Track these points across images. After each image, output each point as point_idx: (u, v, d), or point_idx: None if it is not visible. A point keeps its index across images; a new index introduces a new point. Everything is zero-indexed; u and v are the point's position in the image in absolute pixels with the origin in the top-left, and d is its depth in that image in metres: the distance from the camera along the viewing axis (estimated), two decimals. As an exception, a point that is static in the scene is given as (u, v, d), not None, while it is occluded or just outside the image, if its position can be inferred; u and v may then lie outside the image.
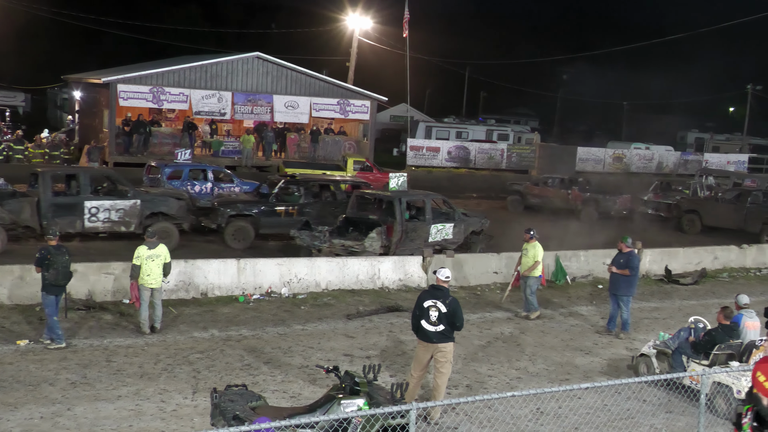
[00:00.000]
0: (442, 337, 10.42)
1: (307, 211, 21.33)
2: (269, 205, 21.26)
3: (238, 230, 20.63)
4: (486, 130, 53.64)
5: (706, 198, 29.51)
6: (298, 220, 20.85)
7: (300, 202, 21.56)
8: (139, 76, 36.51)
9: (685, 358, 12.07)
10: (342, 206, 21.22)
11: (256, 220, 20.92)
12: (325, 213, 21.43)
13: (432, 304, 10.39)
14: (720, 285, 20.49)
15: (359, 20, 46.07)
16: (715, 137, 66.06)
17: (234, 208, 20.90)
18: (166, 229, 19.33)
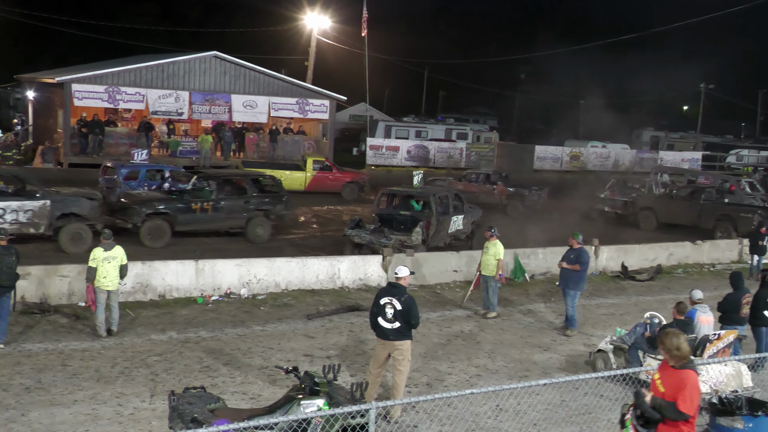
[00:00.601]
0: (399, 335, 10.44)
1: (221, 207, 21.23)
2: (184, 202, 20.87)
3: (153, 229, 20.10)
4: (445, 129, 53.84)
5: (661, 195, 29.97)
6: (213, 216, 20.98)
7: (213, 198, 21.22)
8: (94, 75, 36.01)
9: (641, 353, 12.24)
10: (254, 200, 21.70)
11: (173, 217, 20.50)
12: (237, 208, 21.46)
13: (388, 302, 10.42)
14: (675, 281, 20.83)
15: (318, 19, 45.96)
16: (670, 135, 67.14)
17: (150, 206, 20.37)
18: (79, 231, 18.85)
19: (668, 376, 7.13)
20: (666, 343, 7.15)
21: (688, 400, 6.94)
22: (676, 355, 7.08)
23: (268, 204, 22.14)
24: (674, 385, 7.02)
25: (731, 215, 27.09)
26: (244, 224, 21.68)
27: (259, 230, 21.78)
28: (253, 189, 22.14)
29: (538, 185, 33.07)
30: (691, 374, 7.06)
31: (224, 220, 21.57)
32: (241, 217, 21.61)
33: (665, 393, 7.07)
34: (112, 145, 36.22)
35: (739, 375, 11.42)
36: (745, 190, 30.58)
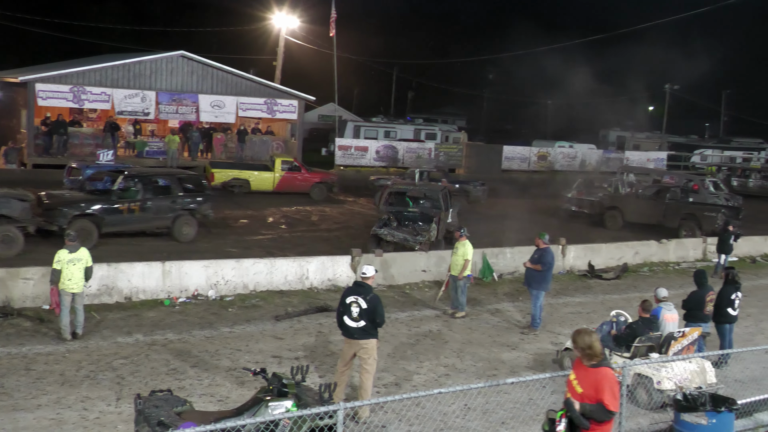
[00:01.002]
0: (364, 333, 10.48)
1: (148, 207, 20.91)
2: (111, 203, 20.38)
3: (80, 230, 18.83)
4: (414, 129, 53.91)
5: (627, 195, 30.28)
6: (140, 217, 20.69)
7: (140, 198, 20.84)
8: (59, 75, 35.57)
9: (607, 350, 12.35)
10: (180, 200, 21.48)
11: (99, 219, 20.03)
12: (164, 208, 21.18)
13: (353, 300, 10.47)
14: (641, 279, 21.06)
15: (286, 19, 45.79)
16: (636, 135, 67.79)
17: (77, 207, 19.85)
18: (9, 233, 18.29)
19: (584, 375, 7.10)
20: (578, 342, 7.14)
21: (612, 398, 6.93)
22: (589, 353, 7.06)
23: (194, 203, 21.84)
24: (592, 384, 7.00)
25: (695, 214, 27.46)
26: (170, 224, 21.34)
27: (186, 229, 21.49)
28: (179, 188, 21.82)
29: (481, 181, 33.97)
30: (607, 371, 7.05)
31: (151, 220, 21.16)
32: (167, 216, 21.26)
33: (583, 393, 7.03)
34: (78, 145, 35.77)
35: (703, 372, 11.57)
36: (709, 189, 31.00)
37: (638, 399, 11.47)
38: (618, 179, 32.00)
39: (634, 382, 11.51)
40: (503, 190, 39.07)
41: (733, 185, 42.28)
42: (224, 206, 27.76)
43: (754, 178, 44.58)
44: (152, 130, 40.09)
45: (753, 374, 12.56)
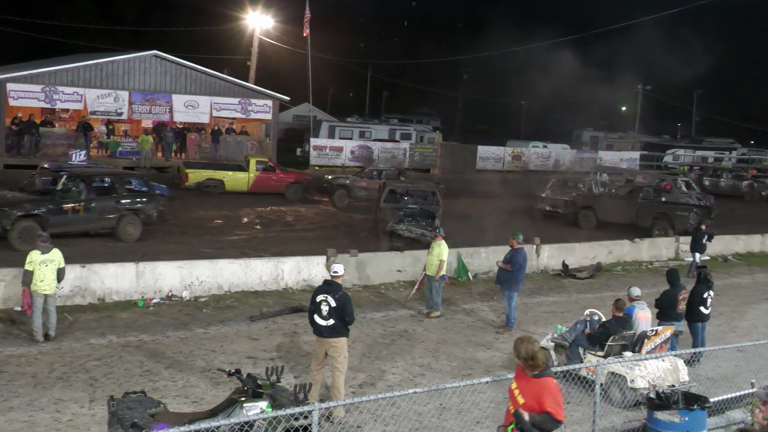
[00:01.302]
0: (333, 332, 10.54)
1: (93, 207, 20.56)
2: (56, 203, 19.98)
3: (24, 231, 19.18)
4: (389, 129, 53.90)
5: (601, 194, 30.51)
6: (85, 217, 20.36)
7: (85, 198, 20.47)
8: (31, 74, 35.14)
9: (581, 349, 12.46)
10: (124, 200, 21.10)
11: (44, 219, 19.55)
12: (108, 208, 20.90)
13: (323, 299, 10.54)
14: (614, 278, 21.23)
15: (260, 19, 45.61)
16: (609, 135, 68.31)
17: (21, 208, 19.50)
18: None
19: (525, 386, 6.91)
20: (520, 351, 6.91)
21: (557, 407, 6.73)
22: (532, 364, 6.89)
23: (138, 203, 21.62)
24: (534, 395, 6.82)
25: (668, 213, 27.72)
26: (115, 224, 21.03)
27: (130, 229, 21.22)
28: (123, 188, 21.64)
29: (437, 181, 34.04)
30: (550, 381, 6.85)
31: (96, 220, 20.79)
32: (112, 217, 20.97)
33: (526, 404, 6.83)
34: (50, 145, 35.39)
35: (676, 370, 11.68)
36: (681, 189, 31.33)
37: (612, 397, 11.57)
38: (591, 179, 32.25)
39: (607, 381, 11.61)
40: (478, 190, 39.21)
41: (705, 185, 42.76)
42: (198, 207, 27.65)
43: (726, 178, 45.10)
44: (125, 130, 39.74)
45: (725, 372, 12.71)
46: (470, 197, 34.16)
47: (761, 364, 11.86)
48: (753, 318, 17.99)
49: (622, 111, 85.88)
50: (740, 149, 66.35)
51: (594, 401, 9.15)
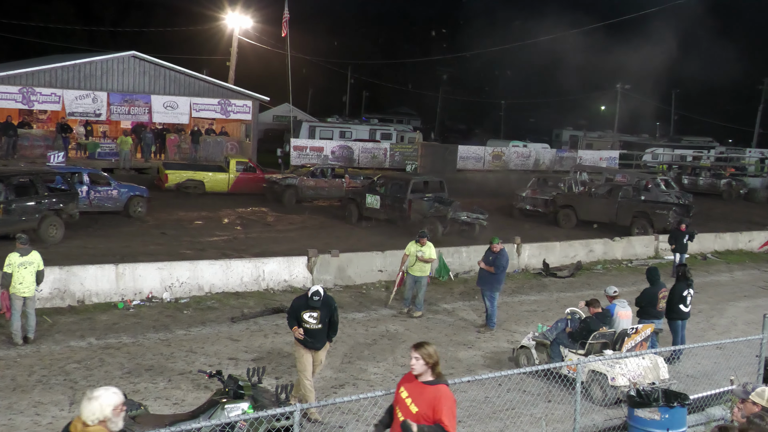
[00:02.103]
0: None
1: (14, 209, 19.72)
2: None
3: None
4: (369, 129, 53.91)
5: (581, 193, 30.66)
6: (6, 219, 19.41)
7: (4, 200, 19.55)
8: (7, 75, 34.82)
9: (562, 348, 12.52)
10: (46, 200, 20.43)
11: None
12: (30, 209, 20.13)
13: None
14: (594, 277, 21.34)
15: (239, 19, 45.45)
16: (588, 135, 68.73)
17: None
18: None
19: (419, 393, 6.44)
20: (432, 355, 6.42)
21: (452, 418, 6.31)
22: (435, 370, 6.42)
23: (60, 203, 20.95)
24: (429, 403, 6.36)
25: (647, 212, 27.89)
26: (36, 225, 20.21)
27: (53, 230, 20.55)
28: (44, 188, 20.89)
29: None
30: (445, 389, 6.44)
31: (17, 222, 19.76)
32: (34, 218, 20.18)
33: (419, 413, 6.36)
34: (28, 147, 35.10)
35: (656, 367, 11.77)
36: (660, 187, 31.52)
37: (593, 395, 11.64)
38: (571, 178, 32.39)
39: (588, 379, 11.68)
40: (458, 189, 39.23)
41: (684, 183, 43.05)
42: (178, 208, 27.53)
43: (704, 176, 45.44)
44: (104, 131, 39.51)
45: (705, 369, 12.81)
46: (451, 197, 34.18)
47: (740, 361, 11.97)
48: (732, 315, 18.15)
49: (600, 110, 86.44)
50: (718, 148, 66.91)
51: (575, 399, 9.18)
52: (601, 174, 36.48)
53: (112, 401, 5.39)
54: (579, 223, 28.95)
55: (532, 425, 10.56)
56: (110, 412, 5.36)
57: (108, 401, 5.36)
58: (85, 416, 5.31)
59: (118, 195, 24.59)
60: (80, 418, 5.33)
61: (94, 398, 5.35)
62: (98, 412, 5.32)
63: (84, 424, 5.30)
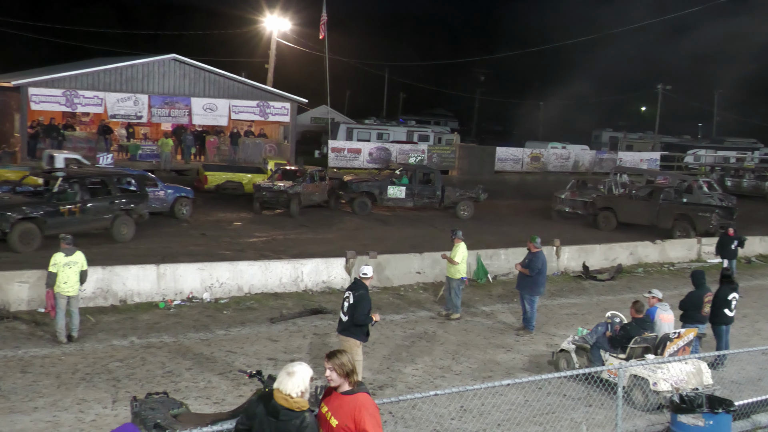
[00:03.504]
0: (344, 329, 11.09)
1: (88, 208, 20.59)
2: (53, 206, 20.04)
3: (24, 233, 19.31)
4: (407, 131, 53.96)
5: (621, 195, 30.34)
6: (81, 218, 20.36)
7: (80, 200, 20.50)
8: (52, 79, 35.46)
9: (603, 352, 12.38)
10: (118, 200, 21.28)
11: (42, 222, 19.71)
12: (103, 209, 20.98)
13: (347, 296, 11.13)
14: (635, 280, 21.09)
15: (277, 22, 45.76)
16: (628, 136, 68.02)
17: (20, 211, 19.52)
18: None
19: (338, 406, 6.08)
20: (344, 364, 6.08)
21: (376, 426, 6.00)
22: (350, 379, 6.10)
23: (131, 203, 21.78)
24: (349, 415, 6.01)
25: (689, 215, 27.51)
26: (109, 225, 21.16)
27: (124, 229, 21.38)
28: (116, 189, 21.79)
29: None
30: (365, 398, 6.09)
31: (91, 221, 20.86)
32: (107, 217, 21.09)
33: (339, 425, 6.01)
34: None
35: (699, 373, 11.59)
36: (702, 189, 31.10)
37: (634, 400, 11.49)
38: (611, 180, 32.09)
39: (629, 384, 11.53)
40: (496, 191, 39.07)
41: (727, 185, 42.38)
42: (218, 209, 27.78)
43: (748, 178, 44.69)
44: (145, 133, 40.02)
45: (749, 375, 12.60)
46: (489, 198, 34.01)
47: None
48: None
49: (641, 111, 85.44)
50: (763, 149, 65.80)
51: (616, 404, 9.09)
52: (641, 176, 36.12)
53: (309, 373, 5.91)
54: (619, 225, 28.65)
55: (572, 429, 10.47)
56: (308, 383, 5.89)
57: (306, 374, 5.88)
58: (289, 389, 5.81)
59: (165, 196, 24.90)
60: (281, 392, 5.84)
61: (295, 373, 5.85)
62: (301, 384, 5.83)
63: (289, 396, 5.81)
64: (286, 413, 5.81)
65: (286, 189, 27.31)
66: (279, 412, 5.84)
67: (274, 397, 5.89)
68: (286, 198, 27.32)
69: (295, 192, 27.37)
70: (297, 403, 5.78)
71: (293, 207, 27.33)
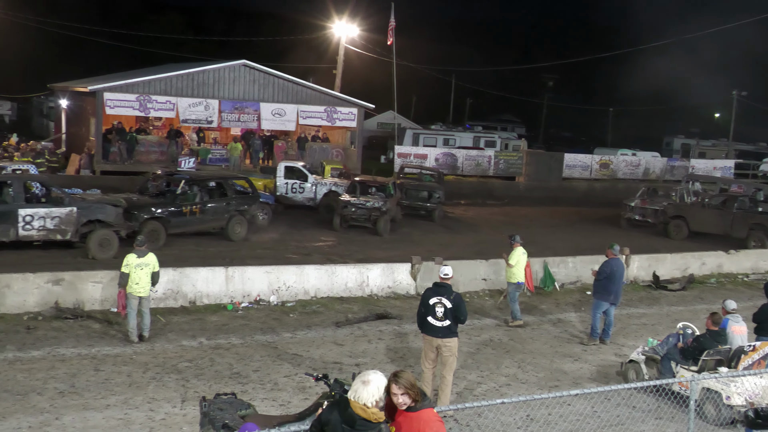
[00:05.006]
0: (448, 332, 10.94)
1: (207, 209, 22.24)
2: (176, 206, 21.60)
3: (151, 232, 20.42)
4: (473, 137, 53.70)
5: (693, 204, 29.66)
6: (201, 218, 22.03)
7: (199, 201, 22.08)
8: (126, 84, 36.35)
9: (674, 364, 12.10)
10: (234, 202, 22.79)
11: (166, 221, 21.24)
12: (220, 210, 22.50)
13: (437, 301, 10.92)
14: (708, 290, 20.57)
15: (345, 27, 46.08)
16: (701, 143, 66.39)
17: (147, 211, 21.00)
18: (106, 237, 19.18)
19: (401, 422, 6.00)
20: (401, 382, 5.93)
21: None
22: (412, 394, 5.95)
23: (244, 204, 23.20)
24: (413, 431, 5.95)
25: (765, 224, 26.71)
26: (225, 224, 22.62)
27: (238, 229, 22.86)
28: (232, 191, 23.21)
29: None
30: (431, 414, 6.03)
31: (209, 221, 22.45)
32: (223, 218, 22.57)
33: None
34: (143, 153, 36.56)
35: (775, 387, 11.22)
36: (779, 198, 30.15)
37: (706, 414, 11.19)
38: (683, 188, 31.39)
39: (702, 397, 11.23)
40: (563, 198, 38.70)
41: (805, 195, 40.96)
42: (283, 212, 28.05)
43: (826, 188, 43.13)
44: (215, 137, 40.69)
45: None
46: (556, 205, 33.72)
47: None
48: None
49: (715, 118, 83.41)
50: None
51: (688, 417, 8.87)
52: (715, 184, 35.25)
53: (384, 382, 5.78)
54: (690, 234, 28.00)
55: (642, 442, 10.25)
56: (383, 393, 5.75)
57: (381, 383, 5.75)
58: (364, 399, 5.67)
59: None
60: (357, 401, 5.69)
61: (370, 381, 5.72)
62: (376, 393, 5.70)
63: (365, 406, 5.68)
64: (363, 423, 5.72)
65: (379, 206, 25.56)
66: (355, 422, 5.73)
67: (350, 405, 5.77)
68: (376, 216, 25.56)
69: (387, 209, 25.68)
70: (375, 414, 5.68)
71: (381, 225, 25.46)
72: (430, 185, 30.94)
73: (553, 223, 30.18)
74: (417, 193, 29.89)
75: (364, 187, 27.36)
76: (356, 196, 26.47)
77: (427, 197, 29.68)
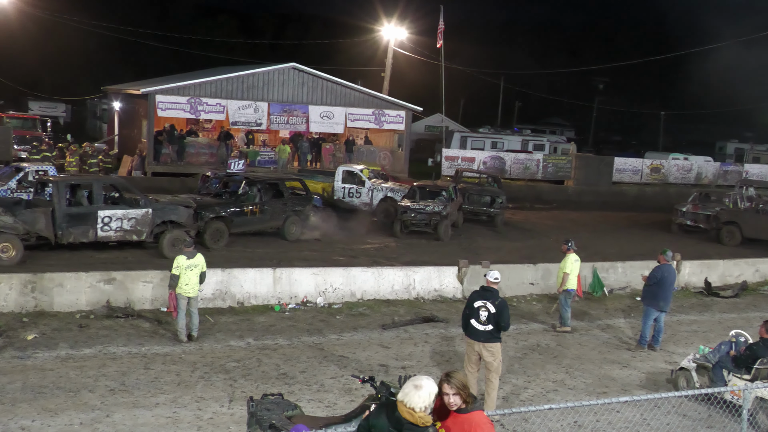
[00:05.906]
0: (490, 337, 10.89)
1: (266, 209, 22.88)
2: (238, 206, 22.27)
3: (215, 231, 21.31)
4: (521, 140, 53.27)
5: (747, 209, 29.04)
6: (260, 218, 22.72)
7: (259, 201, 22.72)
8: (177, 86, 36.90)
9: (726, 372, 11.86)
10: (290, 202, 23.57)
11: (229, 220, 21.88)
12: (278, 210, 23.17)
13: (482, 305, 10.88)
14: (761, 298, 20.13)
15: (394, 30, 46.14)
16: (756, 147, 64.94)
17: (212, 210, 21.59)
18: (180, 237, 19.43)
19: (452, 423, 6.03)
20: (453, 382, 6.00)
21: None
22: (464, 396, 6.00)
23: (299, 205, 24.01)
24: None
25: (821, 231, 26.04)
26: (281, 224, 23.28)
27: (293, 228, 23.50)
28: (288, 192, 24.06)
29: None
30: (481, 416, 6.05)
31: (268, 221, 23.12)
32: (280, 217, 23.24)
33: None
34: (193, 154, 37.05)
35: (831, 398, 10.93)
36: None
37: (759, 424, 10.94)
38: (737, 193, 30.76)
39: (755, 406, 10.99)
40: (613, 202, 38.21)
41: None
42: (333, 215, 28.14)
43: None
44: (264, 139, 41.07)
45: None
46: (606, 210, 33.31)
47: None
48: None
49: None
50: None
51: (741, 427, 8.69)
52: (769, 189, 34.43)
53: (435, 389, 5.76)
54: (744, 240, 27.43)
55: (692, 451, 10.07)
56: (433, 399, 5.73)
57: (433, 389, 5.73)
58: (414, 403, 5.65)
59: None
60: (405, 405, 5.69)
61: (422, 386, 5.70)
62: (427, 399, 5.68)
63: (412, 410, 5.66)
64: (411, 427, 5.71)
65: (438, 211, 25.06)
66: (403, 426, 5.73)
67: (398, 409, 5.76)
68: (436, 221, 25.07)
69: (447, 214, 25.24)
70: (422, 418, 5.66)
71: (441, 230, 24.98)
72: (493, 190, 30.30)
73: (603, 227, 29.81)
74: (480, 198, 29.61)
75: (423, 192, 26.71)
76: (416, 201, 26.03)
77: (490, 202, 29.34)
